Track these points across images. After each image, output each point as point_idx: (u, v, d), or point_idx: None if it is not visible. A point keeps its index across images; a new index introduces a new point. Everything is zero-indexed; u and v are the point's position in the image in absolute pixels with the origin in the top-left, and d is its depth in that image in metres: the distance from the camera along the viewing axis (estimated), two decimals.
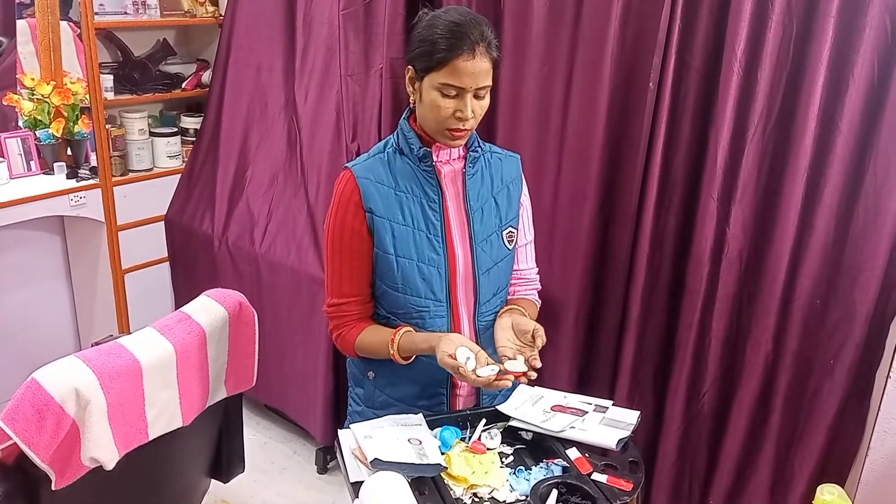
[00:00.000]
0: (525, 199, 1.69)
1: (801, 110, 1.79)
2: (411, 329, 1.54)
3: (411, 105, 1.55)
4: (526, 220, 1.70)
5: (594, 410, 1.53)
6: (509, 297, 1.71)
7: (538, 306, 1.77)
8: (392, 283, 1.55)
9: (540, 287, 1.78)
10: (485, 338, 1.61)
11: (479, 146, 1.60)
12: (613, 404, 1.56)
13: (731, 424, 2.05)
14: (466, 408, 1.64)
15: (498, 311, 1.64)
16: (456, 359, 1.40)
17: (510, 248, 1.64)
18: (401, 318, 1.57)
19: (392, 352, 1.52)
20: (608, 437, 1.44)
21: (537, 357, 1.46)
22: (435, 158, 1.55)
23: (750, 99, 1.84)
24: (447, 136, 1.49)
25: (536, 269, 1.77)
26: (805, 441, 1.95)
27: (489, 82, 1.47)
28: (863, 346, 1.83)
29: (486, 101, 1.50)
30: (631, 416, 1.51)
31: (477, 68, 1.43)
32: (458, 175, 1.58)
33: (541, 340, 1.48)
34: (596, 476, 1.37)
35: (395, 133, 1.58)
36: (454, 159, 1.58)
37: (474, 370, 1.39)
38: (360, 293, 1.59)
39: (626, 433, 1.45)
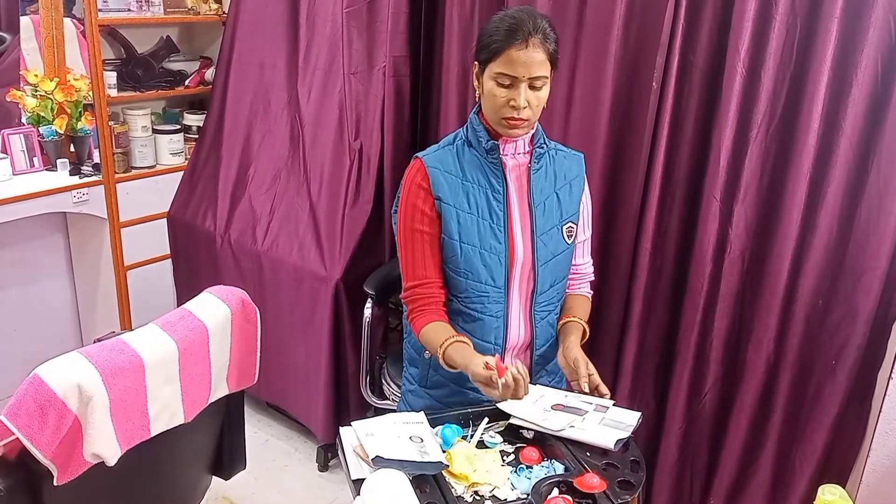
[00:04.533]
0: (586, 198, 1.75)
1: (804, 110, 1.79)
2: (465, 341, 1.58)
3: (477, 99, 1.62)
4: (586, 217, 1.77)
5: (594, 410, 1.53)
6: (567, 292, 1.78)
7: (590, 297, 1.84)
8: (455, 268, 1.62)
9: (594, 278, 1.85)
10: (540, 328, 1.69)
11: (545, 143, 1.66)
12: (614, 404, 1.56)
13: (732, 424, 2.05)
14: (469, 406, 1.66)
15: (555, 302, 1.72)
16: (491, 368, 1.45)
17: (569, 242, 1.70)
18: (462, 301, 1.64)
19: (439, 356, 1.57)
20: (607, 438, 1.44)
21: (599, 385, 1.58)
22: (501, 151, 1.61)
23: (753, 99, 1.84)
24: (504, 125, 1.55)
25: (591, 262, 1.84)
26: (806, 441, 1.95)
27: (544, 73, 1.51)
28: (865, 346, 1.83)
29: (544, 94, 1.54)
30: (631, 418, 1.51)
31: (529, 58, 1.48)
32: (524, 169, 1.64)
33: (584, 376, 1.57)
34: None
35: (465, 126, 1.65)
36: (520, 153, 1.64)
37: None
38: (432, 276, 1.64)
39: (626, 434, 1.45)
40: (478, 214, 1.60)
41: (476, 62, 1.58)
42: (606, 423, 1.49)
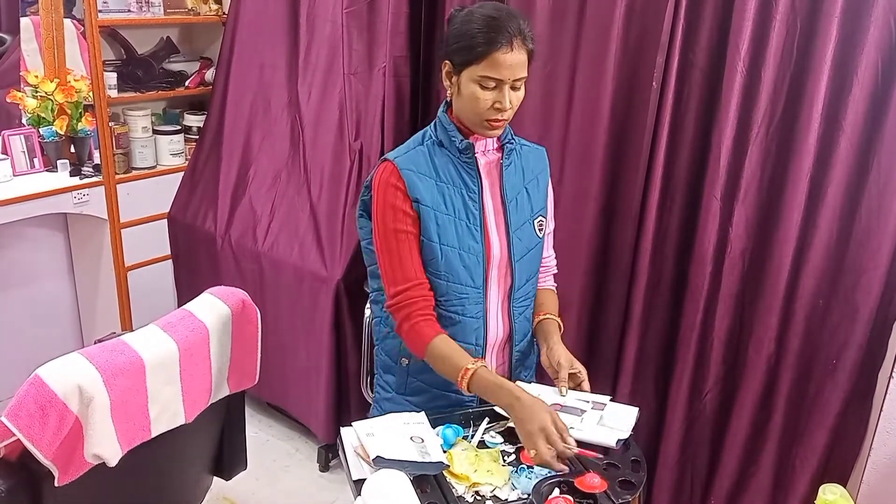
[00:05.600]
0: (550, 190, 1.75)
1: (804, 110, 1.79)
2: (486, 365, 1.52)
3: (448, 99, 1.59)
4: (550, 209, 1.76)
5: (592, 409, 1.53)
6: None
7: (555, 290, 1.83)
8: (435, 271, 1.58)
9: (556, 270, 1.84)
10: (518, 324, 1.67)
11: (512, 138, 1.65)
12: (612, 400, 1.55)
13: (733, 424, 2.05)
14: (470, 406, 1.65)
15: (530, 297, 1.70)
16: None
17: (540, 236, 1.69)
18: (442, 304, 1.60)
19: (461, 382, 1.48)
20: (607, 437, 1.44)
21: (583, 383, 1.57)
22: (474, 150, 1.59)
23: (753, 98, 1.84)
24: (486, 126, 1.53)
25: (554, 255, 1.84)
26: (807, 441, 1.95)
27: (525, 73, 1.51)
28: (865, 346, 1.83)
29: (522, 92, 1.53)
30: (629, 414, 1.50)
31: (515, 60, 1.47)
32: (495, 166, 1.63)
33: (563, 379, 1.56)
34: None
35: (433, 126, 1.62)
36: (490, 150, 1.62)
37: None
38: (419, 277, 1.57)
39: (626, 433, 1.45)
40: (455, 215, 1.57)
41: (448, 61, 1.53)
42: (605, 423, 1.48)
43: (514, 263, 1.63)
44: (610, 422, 1.48)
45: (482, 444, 1.48)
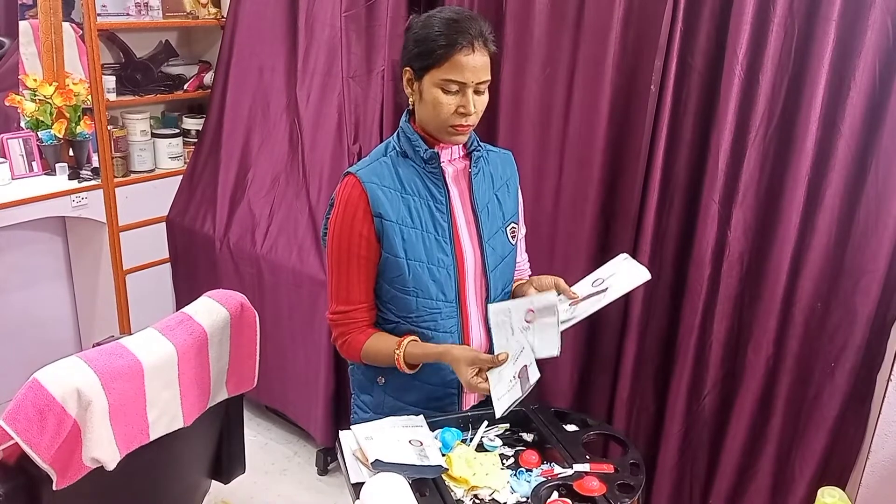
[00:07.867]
0: (520, 194, 1.72)
1: (802, 113, 1.80)
2: (416, 339, 1.54)
3: (410, 107, 1.56)
4: (521, 214, 1.73)
5: (595, 294, 1.55)
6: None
7: None
8: (403, 287, 1.53)
9: (530, 272, 1.82)
10: None
11: (479, 145, 1.61)
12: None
13: (731, 427, 2.05)
14: (472, 407, 1.65)
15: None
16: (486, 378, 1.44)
17: (513, 243, 1.66)
18: (412, 321, 1.56)
19: (398, 360, 1.51)
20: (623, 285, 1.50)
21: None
22: (439, 159, 1.54)
23: (751, 101, 1.85)
24: (451, 132, 1.50)
25: (527, 258, 1.81)
26: (806, 444, 1.95)
27: (488, 77, 1.48)
28: (864, 348, 1.83)
29: (486, 97, 1.50)
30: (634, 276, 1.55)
31: (477, 62, 1.44)
32: (463, 175, 1.59)
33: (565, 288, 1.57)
34: (578, 467, 1.39)
35: (396, 136, 1.58)
36: (456, 159, 1.58)
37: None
38: (367, 300, 1.57)
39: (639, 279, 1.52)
40: (422, 228, 1.52)
41: (408, 68, 1.50)
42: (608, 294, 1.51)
43: (489, 274, 1.59)
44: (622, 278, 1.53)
45: (481, 448, 1.48)
